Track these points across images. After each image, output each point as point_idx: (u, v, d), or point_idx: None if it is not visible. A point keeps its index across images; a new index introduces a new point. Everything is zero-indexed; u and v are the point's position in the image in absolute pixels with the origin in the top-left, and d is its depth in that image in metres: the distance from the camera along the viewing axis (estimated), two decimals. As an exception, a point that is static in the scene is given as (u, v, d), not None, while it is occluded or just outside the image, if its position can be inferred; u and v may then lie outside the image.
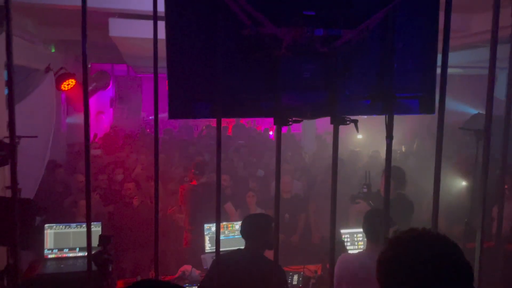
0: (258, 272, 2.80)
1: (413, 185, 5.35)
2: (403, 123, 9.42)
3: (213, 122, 10.70)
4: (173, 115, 2.09)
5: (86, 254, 2.29)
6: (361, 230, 4.03)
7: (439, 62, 2.29)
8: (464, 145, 6.47)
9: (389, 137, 2.23)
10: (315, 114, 2.31)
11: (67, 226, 3.72)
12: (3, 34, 3.27)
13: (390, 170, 2.24)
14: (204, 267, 3.93)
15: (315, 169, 6.95)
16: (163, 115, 2.28)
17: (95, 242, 2.40)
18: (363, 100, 2.25)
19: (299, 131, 9.89)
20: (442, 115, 2.25)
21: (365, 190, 4.06)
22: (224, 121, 14.13)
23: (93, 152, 7.81)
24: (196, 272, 3.82)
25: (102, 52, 7.70)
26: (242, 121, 12.80)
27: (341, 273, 2.83)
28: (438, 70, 2.27)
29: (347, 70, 2.21)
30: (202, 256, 4.10)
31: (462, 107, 8.76)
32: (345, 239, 3.98)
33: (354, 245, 3.98)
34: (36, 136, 4.54)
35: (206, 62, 2.06)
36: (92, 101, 10.20)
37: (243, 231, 3.01)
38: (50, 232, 3.69)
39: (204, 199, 4.72)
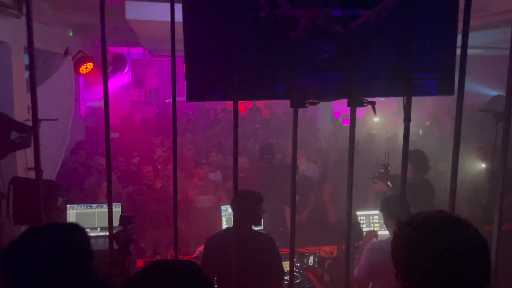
0: (251, 245, 2.83)
1: (431, 166, 5.31)
2: (422, 107, 9.30)
3: (229, 105, 10.72)
4: (191, 97, 2.11)
5: (107, 233, 2.36)
6: (377, 212, 4.05)
7: (458, 43, 2.25)
8: (483, 128, 6.36)
9: (407, 119, 2.22)
10: (332, 96, 2.31)
11: (89, 207, 3.82)
12: (22, 18, 3.31)
13: (407, 152, 2.23)
14: (221, 248, 3.99)
15: (331, 152, 6.95)
16: (180, 98, 2.31)
17: (115, 222, 2.47)
18: (381, 81, 2.23)
19: (315, 114, 9.83)
20: (461, 97, 2.22)
21: (382, 170, 4.06)
22: (240, 105, 14.12)
23: (111, 135, 7.93)
24: (213, 252, 3.88)
25: (119, 36, 7.73)
26: (259, 104, 12.77)
27: (374, 262, 2.74)
28: (458, 51, 2.23)
29: (365, 51, 2.19)
30: (219, 236, 4.16)
31: (481, 89, 8.57)
32: (361, 221, 3.99)
33: (370, 227, 3.99)
34: (56, 119, 4.66)
35: (223, 44, 2.07)
36: (109, 84, 10.27)
37: (232, 203, 2.95)
38: (72, 212, 3.79)
39: (279, 180, 4.81)
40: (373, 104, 2.16)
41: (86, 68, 5.60)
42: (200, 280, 1.12)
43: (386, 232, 3.91)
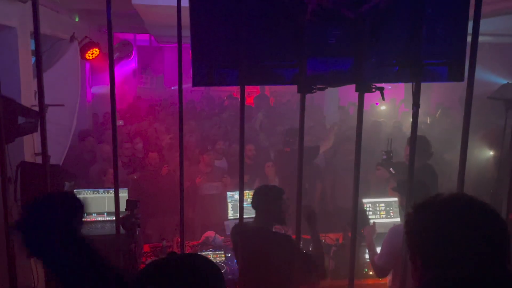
0: (264, 245, 2.76)
1: (436, 155, 5.28)
2: (431, 96, 9.22)
3: (235, 92, 10.68)
4: (197, 82, 2.09)
5: (114, 218, 2.37)
6: (383, 199, 4.05)
7: (470, 30, 2.21)
8: (493, 117, 6.29)
9: (416, 105, 2.19)
10: (340, 81, 2.27)
11: (95, 192, 3.84)
12: (29, 3, 3.30)
13: (415, 138, 2.21)
14: (227, 233, 4.02)
15: (337, 140, 6.91)
16: (186, 85, 2.29)
17: (122, 207, 2.48)
18: (390, 67, 2.20)
19: (322, 102, 9.78)
20: (471, 84, 2.18)
21: (384, 157, 4.06)
22: (247, 91, 14.07)
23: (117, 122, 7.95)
24: (219, 238, 3.91)
25: (125, 22, 7.70)
26: (267, 92, 12.74)
27: (396, 247, 2.68)
28: (469, 38, 2.19)
29: (374, 36, 2.16)
30: (225, 222, 4.19)
31: (491, 77, 8.45)
32: (367, 208, 3.98)
33: (376, 214, 3.99)
34: (63, 105, 4.67)
35: (230, 29, 2.04)
36: (115, 71, 10.26)
37: (253, 202, 2.93)
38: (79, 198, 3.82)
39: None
40: (381, 89, 2.14)
41: (92, 54, 5.59)
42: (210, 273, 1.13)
43: (391, 220, 3.91)
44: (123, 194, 3.69)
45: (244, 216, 2.37)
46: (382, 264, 2.90)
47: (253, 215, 3.51)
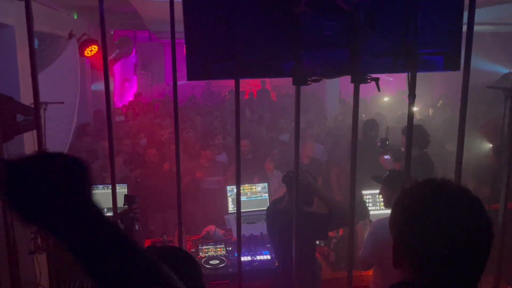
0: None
1: (437, 145, 5.26)
2: (433, 87, 9.16)
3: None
4: (191, 76, 2.09)
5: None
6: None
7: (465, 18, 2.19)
8: (492, 106, 6.26)
9: (412, 95, 2.18)
10: (336, 73, 2.26)
11: (94, 188, 3.85)
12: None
13: (412, 128, 2.20)
14: (228, 227, 4.03)
15: (338, 133, 6.90)
16: (188, 81, 2.28)
17: (121, 203, 2.49)
18: (385, 57, 2.19)
19: (323, 95, 9.75)
20: (467, 72, 2.17)
21: (378, 144, 4.14)
22: (248, 86, 14.07)
23: (117, 118, 7.96)
24: (220, 232, 3.92)
25: (124, 19, 7.69)
26: (268, 86, 12.74)
27: (379, 239, 2.73)
28: (465, 28, 2.17)
29: (369, 27, 2.14)
30: (226, 216, 4.20)
31: (493, 67, 8.40)
32: (367, 200, 3.98)
33: (376, 205, 3.98)
34: (62, 102, 4.68)
35: (224, 21, 2.03)
36: (117, 68, 10.29)
37: (284, 181, 3.08)
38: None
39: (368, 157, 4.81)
40: (376, 80, 2.12)
41: (91, 50, 5.58)
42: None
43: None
44: (122, 189, 3.70)
45: (243, 210, 2.37)
46: (364, 256, 2.89)
47: (251, 209, 3.56)
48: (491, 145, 4.44)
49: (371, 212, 3.86)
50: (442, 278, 1.00)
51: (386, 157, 4.20)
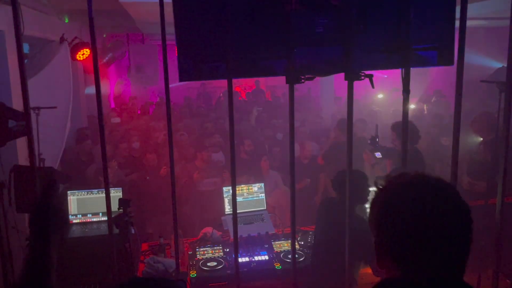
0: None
1: (434, 140, 5.26)
2: (427, 83, 9.17)
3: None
4: (183, 77, 2.07)
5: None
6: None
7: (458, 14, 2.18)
8: (486, 100, 6.28)
9: (406, 91, 2.17)
10: (329, 70, 2.25)
11: (89, 192, 3.81)
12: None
13: (407, 125, 2.19)
14: (225, 228, 4.00)
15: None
16: (180, 84, 2.26)
17: (115, 207, 2.46)
18: (378, 53, 2.17)
19: (317, 93, 9.74)
20: (461, 67, 2.16)
21: (369, 142, 4.18)
22: (243, 87, 14.05)
23: (113, 120, 7.92)
24: (217, 234, 3.89)
25: (117, 22, 7.64)
26: (262, 86, 12.72)
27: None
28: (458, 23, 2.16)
29: (362, 23, 2.13)
30: (222, 218, 4.17)
31: (487, 62, 8.42)
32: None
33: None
34: (55, 107, 4.64)
35: (215, 21, 2.01)
36: (111, 70, 10.24)
37: (335, 183, 3.09)
38: (73, 198, 3.79)
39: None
40: (370, 77, 2.11)
41: (83, 54, 5.55)
42: None
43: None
44: (117, 193, 3.66)
45: (240, 211, 2.35)
46: None
47: (247, 210, 3.55)
48: (481, 139, 4.45)
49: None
50: (427, 267, 1.01)
51: (377, 154, 4.22)
